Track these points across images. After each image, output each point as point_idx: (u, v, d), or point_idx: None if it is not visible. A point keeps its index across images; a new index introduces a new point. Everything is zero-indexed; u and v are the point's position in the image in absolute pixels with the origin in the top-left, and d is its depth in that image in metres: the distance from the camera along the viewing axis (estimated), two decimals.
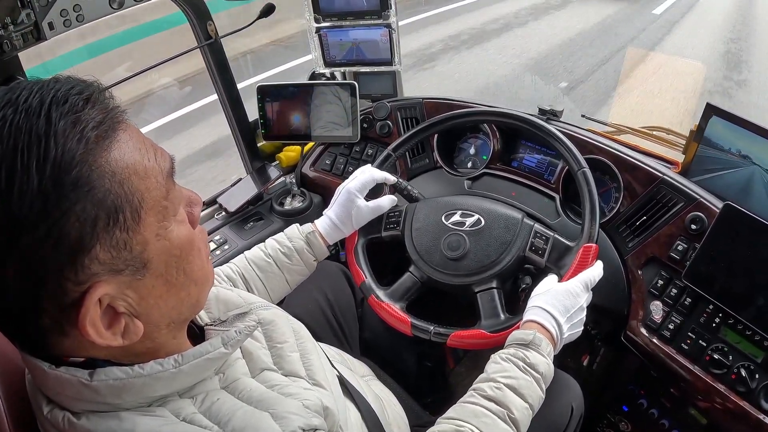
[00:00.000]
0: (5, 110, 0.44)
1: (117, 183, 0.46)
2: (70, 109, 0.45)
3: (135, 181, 0.48)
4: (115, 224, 0.46)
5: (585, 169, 1.02)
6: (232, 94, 1.46)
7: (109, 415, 0.51)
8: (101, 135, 0.46)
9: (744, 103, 4.24)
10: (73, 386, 0.50)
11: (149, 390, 0.52)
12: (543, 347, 0.84)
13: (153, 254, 0.50)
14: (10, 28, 0.91)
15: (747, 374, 0.93)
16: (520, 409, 0.78)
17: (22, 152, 0.42)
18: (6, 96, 0.45)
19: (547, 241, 1.01)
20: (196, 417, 0.53)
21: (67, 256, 0.44)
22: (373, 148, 1.45)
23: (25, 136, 0.42)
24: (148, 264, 0.50)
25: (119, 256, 0.47)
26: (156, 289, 0.52)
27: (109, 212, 0.46)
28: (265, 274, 1.00)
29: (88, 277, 0.46)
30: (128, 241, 0.48)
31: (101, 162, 0.46)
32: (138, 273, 0.49)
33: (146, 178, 0.49)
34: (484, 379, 0.82)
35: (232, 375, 0.61)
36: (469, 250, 1.04)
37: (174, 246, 0.52)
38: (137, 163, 0.49)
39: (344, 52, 1.49)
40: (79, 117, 0.45)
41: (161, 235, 0.51)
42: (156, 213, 0.50)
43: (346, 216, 1.07)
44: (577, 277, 0.92)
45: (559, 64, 5.06)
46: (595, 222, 0.98)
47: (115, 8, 1.03)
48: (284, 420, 0.55)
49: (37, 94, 0.45)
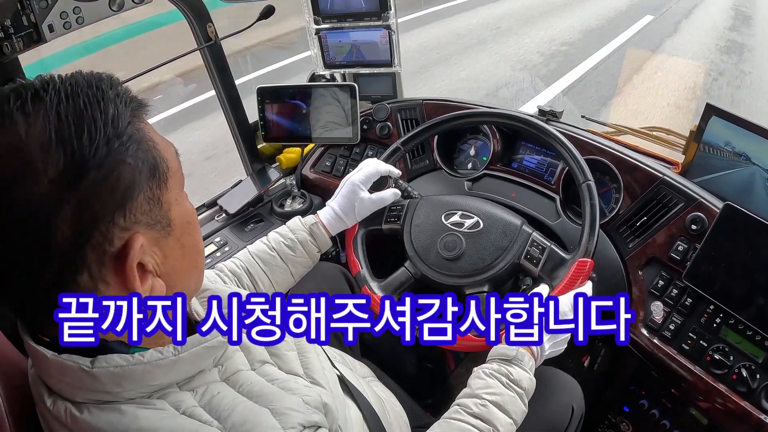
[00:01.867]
0: (54, 82, 0.49)
1: (153, 146, 0.53)
2: (111, 84, 0.52)
3: (162, 149, 0.54)
4: (153, 178, 0.52)
5: (590, 182, 1.01)
6: (231, 95, 1.46)
7: (110, 408, 0.51)
8: (138, 106, 0.54)
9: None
10: (74, 373, 0.50)
11: (149, 378, 0.53)
12: (525, 362, 0.84)
13: (175, 215, 0.56)
14: (10, 31, 0.91)
15: (748, 374, 0.93)
16: (506, 425, 0.78)
17: (85, 108, 0.48)
18: (37, 82, 0.49)
19: (543, 251, 1.00)
20: (196, 410, 0.53)
21: (119, 201, 0.49)
22: (373, 149, 1.46)
23: (83, 99, 0.48)
24: (172, 224, 0.55)
25: (154, 210, 0.53)
26: (175, 251, 0.56)
27: (150, 167, 0.52)
28: (270, 268, 1.00)
29: (132, 224, 0.50)
30: (160, 197, 0.53)
31: (141, 126, 0.53)
32: (164, 230, 0.54)
33: (168, 149, 0.56)
34: (468, 394, 0.82)
35: (231, 367, 0.61)
36: (465, 252, 1.04)
37: (187, 213, 0.58)
38: (160, 138, 0.56)
39: (344, 54, 1.49)
40: (118, 91, 0.52)
41: (179, 201, 0.57)
42: (176, 180, 0.56)
43: (349, 207, 1.08)
44: (566, 296, 0.91)
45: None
46: (593, 237, 0.97)
47: (114, 10, 1.03)
48: (284, 416, 0.55)
49: (75, 76, 0.51)
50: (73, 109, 0.47)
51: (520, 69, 4.98)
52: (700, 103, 2.52)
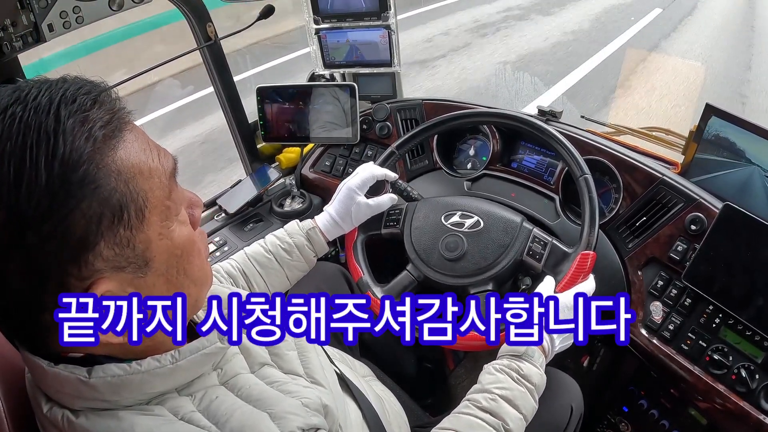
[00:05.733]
0: (14, 107, 0.44)
1: (123, 182, 0.47)
2: (79, 108, 0.46)
3: (140, 181, 0.49)
4: (119, 222, 0.47)
5: (587, 175, 1.01)
6: (231, 95, 1.46)
7: (107, 415, 0.51)
8: (108, 134, 0.47)
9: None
10: (71, 384, 0.50)
11: (147, 386, 0.52)
12: (536, 358, 0.84)
13: (155, 253, 0.51)
14: (10, 30, 0.91)
15: (747, 375, 0.93)
16: (515, 420, 0.78)
17: (30, 149, 0.42)
18: (14, 94, 0.45)
19: (545, 246, 1.01)
20: (194, 416, 0.53)
21: (71, 253, 0.45)
22: (373, 149, 1.46)
23: (34, 134, 0.43)
24: (150, 263, 0.51)
25: (122, 254, 0.48)
26: (157, 287, 0.53)
27: (114, 210, 0.46)
28: (266, 270, 1.00)
29: (92, 273, 0.47)
30: (132, 239, 0.48)
31: (108, 161, 0.46)
32: (140, 271, 0.50)
33: (150, 178, 0.50)
34: (478, 389, 0.82)
35: (230, 371, 0.61)
36: (467, 252, 1.04)
37: (176, 246, 0.53)
38: (142, 164, 0.49)
39: (344, 54, 1.49)
40: (87, 116, 0.46)
41: (164, 235, 0.52)
42: (159, 213, 0.51)
43: (346, 213, 1.08)
44: (571, 291, 0.92)
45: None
46: (593, 229, 0.97)
47: (114, 9, 1.03)
48: (283, 420, 0.55)
49: (46, 92, 0.45)
50: (19, 151, 0.42)
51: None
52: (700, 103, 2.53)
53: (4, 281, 0.45)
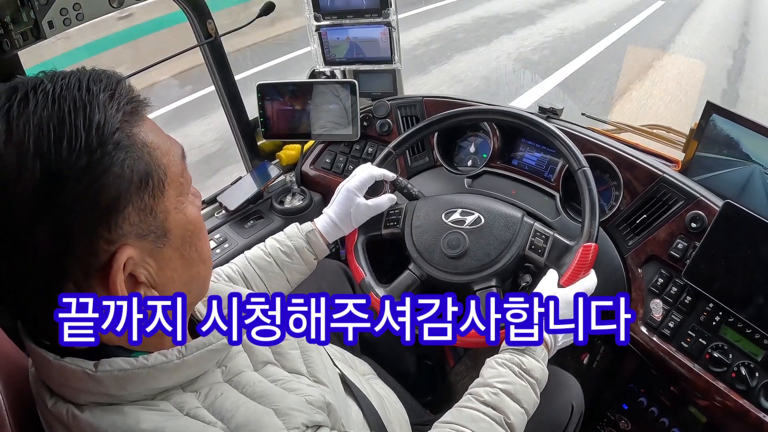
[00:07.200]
0: (43, 86, 0.47)
1: (147, 153, 0.51)
2: (107, 85, 0.49)
3: (160, 155, 0.52)
4: (145, 189, 0.50)
5: (585, 168, 1.01)
6: (231, 92, 1.46)
7: (112, 409, 0.51)
8: (134, 110, 0.51)
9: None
10: (77, 377, 0.50)
11: (153, 381, 0.53)
12: (538, 353, 0.84)
13: (172, 225, 0.54)
14: (10, 27, 0.91)
15: (747, 373, 0.94)
16: (516, 414, 0.78)
17: (69, 114, 0.46)
18: (35, 79, 0.48)
19: (546, 240, 1.01)
20: (199, 412, 0.54)
21: (102, 213, 0.47)
22: (373, 146, 1.45)
23: (70, 103, 0.46)
24: (168, 234, 0.53)
25: (145, 221, 0.51)
26: (173, 261, 0.55)
27: (141, 176, 0.50)
28: (266, 274, 1.00)
29: (118, 237, 0.49)
30: (154, 208, 0.51)
31: (135, 131, 0.50)
32: (159, 241, 0.53)
33: (167, 155, 0.54)
34: (480, 383, 0.82)
35: (234, 368, 0.61)
36: (469, 249, 1.04)
37: (189, 221, 0.56)
38: (161, 141, 0.53)
39: (344, 51, 1.48)
40: (114, 93, 0.50)
41: (179, 209, 0.55)
42: (175, 187, 0.54)
43: (345, 214, 1.07)
44: (573, 286, 0.92)
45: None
46: (594, 221, 0.97)
47: (114, 7, 1.02)
48: (287, 417, 0.55)
49: (72, 76, 0.49)
50: (57, 115, 0.45)
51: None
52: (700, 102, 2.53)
53: (32, 246, 0.46)
